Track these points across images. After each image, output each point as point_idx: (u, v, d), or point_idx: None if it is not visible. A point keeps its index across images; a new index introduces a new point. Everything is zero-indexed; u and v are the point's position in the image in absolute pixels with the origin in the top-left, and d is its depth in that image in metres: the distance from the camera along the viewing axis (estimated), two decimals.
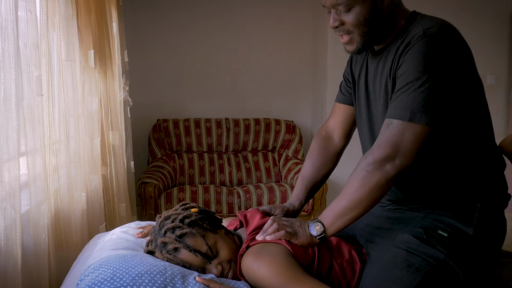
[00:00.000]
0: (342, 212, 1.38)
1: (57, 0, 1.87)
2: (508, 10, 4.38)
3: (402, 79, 1.34)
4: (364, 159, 1.35)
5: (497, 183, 1.49)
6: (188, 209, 1.57)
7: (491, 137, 1.51)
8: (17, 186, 1.46)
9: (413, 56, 1.33)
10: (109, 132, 2.58)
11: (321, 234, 1.42)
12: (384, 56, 1.47)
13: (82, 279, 1.39)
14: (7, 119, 1.38)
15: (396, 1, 1.45)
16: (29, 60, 1.57)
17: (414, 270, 1.33)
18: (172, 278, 1.33)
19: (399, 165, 1.31)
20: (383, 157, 1.31)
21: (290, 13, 4.57)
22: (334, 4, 1.40)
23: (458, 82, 1.32)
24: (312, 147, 1.81)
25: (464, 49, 1.37)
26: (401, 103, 1.32)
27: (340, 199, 1.40)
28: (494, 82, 4.44)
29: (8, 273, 1.42)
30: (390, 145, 1.31)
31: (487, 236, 1.44)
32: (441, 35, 1.33)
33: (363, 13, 1.39)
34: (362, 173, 1.34)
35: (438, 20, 1.40)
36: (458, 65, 1.33)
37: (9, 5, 1.36)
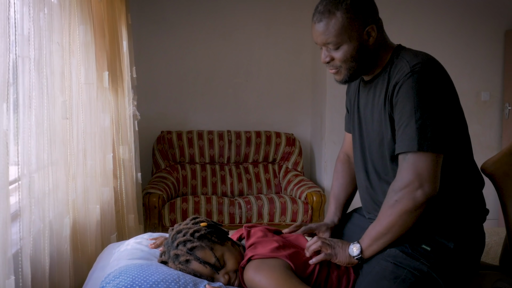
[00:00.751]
0: (377, 236, 1.56)
1: (77, 28, 2.05)
2: (502, 28, 4.56)
3: (402, 115, 1.51)
4: (392, 190, 1.52)
5: (476, 200, 1.67)
6: (198, 223, 1.75)
7: (471, 160, 1.69)
8: (45, 198, 1.64)
9: (406, 93, 1.50)
10: (119, 147, 2.76)
11: (359, 255, 1.59)
12: (373, 86, 1.66)
13: (104, 286, 1.57)
14: (38, 141, 1.56)
15: (381, 38, 1.64)
16: (56, 87, 1.75)
17: (401, 281, 1.50)
18: (185, 286, 1.51)
19: (428, 191, 1.47)
20: (408, 184, 1.47)
21: (291, 30, 4.76)
22: (325, 42, 1.60)
23: (447, 111, 1.51)
24: (337, 170, 2.02)
25: (448, 80, 1.56)
26: (407, 135, 1.49)
27: (375, 225, 1.58)
28: (488, 99, 4.63)
29: (38, 279, 1.59)
30: (413, 173, 1.47)
31: (467, 249, 1.61)
32: (427, 71, 1.51)
33: (350, 51, 1.59)
34: (392, 201, 1.51)
35: (422, 55, 1.58)
36: (445, 94, 1.52)
37: (44, 40, 1.54)
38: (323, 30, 1.58)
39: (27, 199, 1.51)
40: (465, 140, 1.67)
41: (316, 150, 4.80)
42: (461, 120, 1.64)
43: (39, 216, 1.61)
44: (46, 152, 1.60)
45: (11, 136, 1.35)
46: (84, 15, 2.09)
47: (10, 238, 1.34)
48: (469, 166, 1.67)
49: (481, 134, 4.60)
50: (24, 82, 1.47)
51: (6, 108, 1.25)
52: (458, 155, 1.62)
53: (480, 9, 4.52)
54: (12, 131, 1.36)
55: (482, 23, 4.54)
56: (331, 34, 1.57)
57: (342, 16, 1.55)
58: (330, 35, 1.57)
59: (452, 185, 1.61)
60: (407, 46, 1.71)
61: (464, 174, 1.65)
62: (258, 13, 4.71)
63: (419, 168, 1.47)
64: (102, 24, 2.45)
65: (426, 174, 1.47)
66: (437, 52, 4.39)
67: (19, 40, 1.40)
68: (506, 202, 1.80)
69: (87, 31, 2.13)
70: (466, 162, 1.66)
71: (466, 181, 1.65)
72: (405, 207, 1.49)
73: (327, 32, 1.57)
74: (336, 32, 1.56)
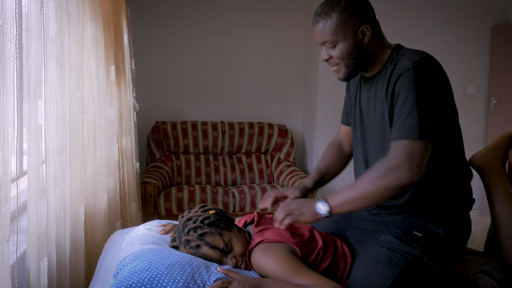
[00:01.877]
0: (350, 200, 1.63)
1: (89, 25, 2.17)
2: (489, 24, 4.75)
3: (401, 106, 1.64)
4: (381, 165, 1.59)
5: (464, 191, 1.83)
6: (207, 211, 1.89)
7: (461, 153, 1.84)
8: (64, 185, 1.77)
9: (406, 85, 1.63)
10: (122, 138, 2.88)
11: (327, 213, 1.68)
12: (375, 82, 1.80)
13: (122, 269, 1.70)
14: (61, 135, 1.69)
15: (379, 38, 1.79)
16: (73, 82, 1.88)
17: (394, 264, 1.66)
18: (198, 268, 1.65)
19: (414, 177, 1.57)
20: (400, 164, 1.55)
21: (284, 24, 4.89)
22: (322, 41, 1.75)
23: (443, 105, 1.66)
24: (327, 149, 2.17)
25: (445, 76, 1.71)
26: (406, 124, 1.61)
27: (352, 188, 1.64)
28: (475, 92, 4.82)
29: (60, 263, 1.73)
30: (405, 154, 1.57)
31: (454, 236, 1.78)
32: (427, 67, 1.65)
33: (346, 48, 1.73)
34: (378, 174, 1.58)
35: (421, 53, 1.73)
36: (443, 90, 1.67)
37: (66, 39, 1.67)
38: (320, 30, 1.74)
39: (52, 183, 1.64)
40: (457, 133, 1.82)
41: (307, 141, 4.96)
42: (454, 114, 1.79)
43: (60, 202, 1.74)
44: (67, 144, 1.72)
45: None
46: (95, 11, 2.21)
47: (39, 220, 1.47)
48: (459, 159, 1.83)
49: (467, 127, 4.79)
50: (50, 79, 1.59)
51: (41, 104, 1.37)
52: (450, 148, 1.78)
53: (468, 6, 4.69)
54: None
55: (470, 20, 4.72)
56: (327, 33, 1.72)
57: (336, 16, 1.70)
58: (326, 34, 1.72)
59: (443, 176, 1.77)
60: (397, 41, 1.87)
61: (455, 166, 1.80)
62: (253, 8, 4.84)
63: (412, 153, 1.58)
64: (108, 19, 2.56)
65: (417, 159, 1.58)
66: (426, 47, 4.57)
67: (47, 40, 1.52)
68: (491, 192, 1.96)
69: (97, 27, 2.25)
70: (457, 154, 1.82)
71: (457, 172, 1.81)
72: (389, 183, 1.57)
73: (323, 31, 1.73)
74: (331, 32, 1.71)
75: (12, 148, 1.23)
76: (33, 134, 1.37)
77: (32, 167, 1.41)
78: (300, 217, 1.72)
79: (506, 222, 1.89)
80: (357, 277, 1.69)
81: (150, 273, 1.59)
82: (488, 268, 1.78)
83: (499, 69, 4.69)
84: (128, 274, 1.61)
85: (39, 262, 1.41)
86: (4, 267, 1.16)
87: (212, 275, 1.63)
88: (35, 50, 1.39)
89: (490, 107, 4.77)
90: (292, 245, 1.73)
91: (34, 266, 1.42)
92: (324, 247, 1.79)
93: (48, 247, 1.57)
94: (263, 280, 1.61)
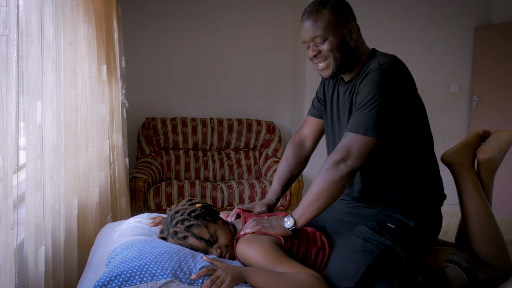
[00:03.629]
0: (308, 204, 1.80)
1: (82, 26, 2.29)
2: (471, 24, 4.91)
3: (359, 101, 1.80)
4: (325, 161, 1.79)
5: (435, 186, 1.97)
6: (194, 204, 2.02)
7: (431, 148, 1.99)
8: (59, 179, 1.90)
9: (368, 84, 1.79)
10: (113, 134, 3.00)
11: (293, 226, 1.85)
12: (350, 86, 1.94)
13: (113, 258, 1.82)
14: (57, 132, 1.82)
15: (360, 39, 1.93)
16: (67, 82, 2.00)
17: (368, 253, 1.79)
18: (185, 257, 1.77)
19: (351, 165, 1.73)
20: (339, 159, 1.75)
21: (272, 22, 5.01)
22: (313, 37, 1.86)
23: (403, 105, 1.80)
24: (287, 151, 2.28)
25: (409, 79, 1.85)
26: (357, 120, 1.77)
27: (307, 194, 1.81)
28: (458, 91, 4.98)
29: (55, 252, 1.85)
30: (344, 150, 1.75)
31: (425, 228, 1.92)
32: (391, 69, 1.80)
33: (336, 42, 1.86)
34: (323, 171, 1.78)
35: (391, 57, 1.87)
36: (403, 91, 1.80)
37: (61, 42, 1.79)
38: (311, 26, 1.85)
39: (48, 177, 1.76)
40: (426, 134, 1.96)
41: None
42: (422, 114, 1.93)
43: (55, 195, 1.87)
44: (62, 140, 1.85)
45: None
46: (88, 13, 2.32)
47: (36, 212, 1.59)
48: (428, 155, 1.97)
49: (450, 125, 4.95)
50: (46, 80, 1.71)
51: (40, 104, 1.50)
52: (418, 146, 1.92)
53: (451, 6, 4.85)
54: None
55: (453, 20, 4.89)
56: (319, 28, 1.83)
57: (328, 13, 1.83)
58: (318, 29, 1.84)
59: (413, 173, 1.91)
60: (383, 41, 2.01)
61: (423, 162, 1.94)
62: (241, 6, 4.95)
63: (352, 147, 1.75)
64: (100, 19, 2.67)
65: (355, 152, 1.74)
66: (411, 46, 4.78)
67: (44, 44, 1.64)
68: (461, 188, 2.10)
69: (90, 28, 2.37)
70: (425, 151, 1.96)
71: (425, 168, 1.95)
72: (333, 177, 1.74)
73: (315, 27, 1.84)
74: (323, 26, 1.83)
75: (14, 143, 1.35)
76: (31, 131, 1.50)
77: (31, 161, 1.53)
78: (269, 229, 1.86)
79: (474, 215, 2.03)
80: (333, 265, 1.82)
81: (140, 261, 1.71)
82: (456, 257, 1.92)
83: (481, 68, 4.85)
84: (119, 263, 1.73)
85: (37, 250, 1.53)
86: (8, 253, 1.29)
87: (198, 263, 1.75)
88: (34, 54, 1.51)
89: (472, 105, 4.93)
90: (275, 236, 1.86)
91: (32, 254, 1.55)
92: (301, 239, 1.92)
93: (44, 237, 1.70)
94: (245, 268, 1.74)
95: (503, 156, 2.11)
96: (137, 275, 1.64)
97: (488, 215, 2.03)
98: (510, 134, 2.12)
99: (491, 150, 2.09)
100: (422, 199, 1.92)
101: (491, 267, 1.94)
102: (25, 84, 1.47)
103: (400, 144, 1.88)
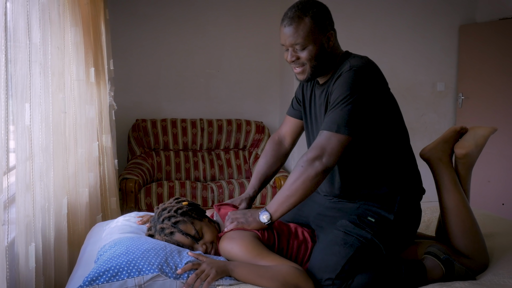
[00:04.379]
0: (283, 199, 1.86)
1: (69, 30, 2.35)
2: (456, 24, 5.00)
3: (332, 101, 1.87)
4: (301, 158, 1.83)
5: (413, 180, 2.05)
6: (180, 202, 2.09)
7: (407, 143, 2.06)
8: (49, 179, 1.96)
9: (341, 84, 1.86)
10: (102, 136, 3.06)
11: (268, 220, 1.92)
12: (325, 88, 2.01)
13: (102, 255, 1.89)
14: (45, 133, 1.88)
15: (336, 44, 2.00)
16: (55, 85, 2.06)
17: (349, 245, 1.86)
18: (171, 252, 1.84)
19: (325, 163, 1.80)
20: (314, 156, 1.81)
21: (260, 23, 5.08)
22: (293, 44, 1.91)
23: (374, 102, 1.87)
24: (267, 149, 2.34)
25: (380, 78, 1.92)
26: (330, 118, 1.84)
27: (282, 189, 1.87)
28: (444, 89, 5.08)
29: (46, 250, 1.91)
30: (319, 148, 1.82)
31: (404, 221, 1.99)
32: (362, 69, 1.87)
33: (314, 51, 1.92)
34: (299, 168, 1.83)
35: (363, 58, 1.94)
36: (374, 89, 1.87)
37: (48, 46, 1.85)
38: (292, 33, 1.89)
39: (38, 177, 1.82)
40: (401, 131, 2.03)
41: None
42: (395, 111, 2.00)
43: (44, 195, 1.93)
44: (51, 141, 1.91)
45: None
46: (75, 17, 2.39)
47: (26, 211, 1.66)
48: (405, 151, 2.04)
49: (436, 122, 5.04)
50: (34, 83, 1.77)
51: (28, 107, 1.56)
52: (394, 142, 1.99)
53: (436, 5, 4.95)
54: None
55: (438, 19, 4.98)
56: (300, 36, 1.88)
57: (310, 21, 1.88)
58: (298, 37, 1.89)
59: (391, 168, 1.98)
60: (368, 41, 2.08)
61: (401, 158, 2.02)
62: (229, 8, 5.03)
63: (326, 145, 1.81)
64: (88, 23, 2.74)
65: (330, 150, 1.81)
66: (397, 46, 4.87)
67: (32, 48, 1.71)
68: (439, 182, 2.18)
69: (77, 32, 2.43)
70: (402, 147, 2.03)
71: (403, 163, 2.02)
72: (309, 174, 1.80)
73: (296, 34, 1.89)
74: (304, 35, 1.88)
75: (3, 145, 1.41)
76: (20, 133, 1.56)
77: (20, 163, 1.59)
78: (245, 225, 1.93)
79: (452, 209, 2.10)
80: (316, 257, 1.90)
81: (127, 257, 1.77)
82: (434, 249, 1.99)
83: (466, 66, 4.95)
84: (108, 259, 1.79)
85: (27, 247, 1.60)
86: (0, 250, 1.35)
87: (183, 258, 1.82)
88: (21, 58, 1.58)
89: (458, 103, 5.02)
90: (256, 232, 1.94)
91: (22, 251, 1.61)
92: (282, 234, 2.00)
93: (35, 235, 1.76)
94: (229, 262, 1.82)
95: (479, 152, 2.19)
96: (124, 271, 1.70)
97: (466, 208, 2.10)
98: (486, 130, 2.20)
99: (468, 145, 2.16)
100: (401, 194, 1.99)
101: (469, 258, 2.01)
102: (13, 88, 1.53)
103: (375, 141, 1.95)
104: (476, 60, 4.85)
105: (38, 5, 1.81)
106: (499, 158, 4.65)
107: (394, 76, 4.69)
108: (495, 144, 4.63)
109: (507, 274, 1.92)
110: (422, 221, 2.59)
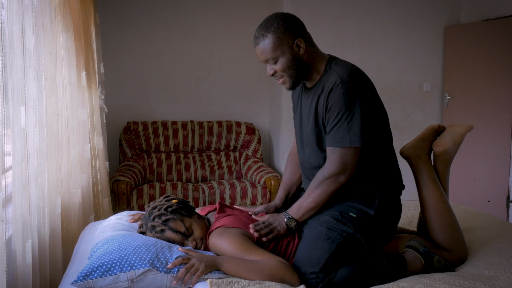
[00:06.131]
0: (308, 209, 2.04)
1: (61, 35, 2.44)
2: (441, 25, 5.12)
3: (333, 118, 1.97)
4: (322, 175, 1.99)
5: (393, 178, 2.15)
6: (170, 200, 2.18)
7: (390, 144, 2.16)
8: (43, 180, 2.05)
9: (336, 100, 1.96)
10: (94, 138, 3.15)
11: (295, 226, 2.06)
12: (313, 92, 2.11)
13: (95, 251, 1.98)
14: (39, 135, 1.97)
15: (313, 49, 2.09)
16: (48, 89, 2.15)
17: (332, 241, 1.96)
18: (162, 248, 1.93)
19: (348, 176, 1.97)
20: (337, 172, 1.96)
21: (249, 25, 5.09)
22: (265, 60, 2.05)
23: (370, 110, 1.97)
24: (288, 161, 2.47)
25: (369, 85, 2.02)
26: (339, 134, 1.96)
27: (307, 200, 2.03)
28: (430, 89, 5.19)
29: (41, 247, 2.00)
30: (339, 163, 1.96)
31: (385, 216, 2.08)
32: (352, 81, 1.97)
33: (286, 61, 2.03)
34: (323, 184, 1.99)
35: (347, 65, 2.04)
36: (367, 98, 1.98)
37: (42, 52, 1.94)
38: (261, 51, 2.04)
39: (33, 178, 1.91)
40: (386, 132, 2.14)
41: (274, 138, 5.26)
42: (383, 116, 2.10)
43: (39, 195, 2.02)
44: (44, 144, 2.00)
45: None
46: (67, 23, 2.47)
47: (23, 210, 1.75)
48: (385, 151, 2.14)
49: (423, 122, 5.15)
50: (29, 87, 1.86)
51: (23, 110, 1.65)
52: (380, 146, 2.09)
53: (421, 7, 5.06)
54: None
55: (423, 20, 5.10)
56: (268, 52, 2.02)
57: (272, 36, 2.00)
58: (267, 53, 2.02)
59: (373, 167, 2.08)
60: (355, 43, 2.17)
61: (382, 157, 2.12)
62: (218, 10, 5.12)
63: (345, 159, 1.96)
64: (79, 28, 2.82)
65: (349, 164, 1.97)
66: (383, 47, 4.99)
67: (26, 54, 1.80)
68: (418, 179, 2.27)
69: (69, 37, 2.52)
70: (386, 150, 2.13)
71: (384, 162, 2.12)
72: (333, 188, 1.99)
73: (264, 51, 2.03)
74: (270, 50, 2.01)
75: (1, 147, 1.50)
76: (16, 135, 1.65)
77: (17, 163, 1.68)
78: (279, 233, 2.06)
79: (431, 204, 2.20)
80: (300, 253, 2.00)
81: (119, 253, 1.86)
82: (414, 243, 2.08)
83: (451, 66, 5.07)
84: (101, 255, 1.88)
85: (24, 243, 1.69)
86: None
87: (174, 254, 1.91)
88: (17, 64, 1.67)
89: (444, 102, 5.14)
90: (245, 229, 2.03)
91: (20, 247, 1.70)
92: None
93: (31, 233, 1.85)
94: (218, 257, 1.91)
95: (457, 149, 2.29)
96: (117, 266, 1.79)
97: (444, 203, 2.19)
98: (463, 128, 2.30)
99: (446, 143, 2.26)
100: (382, 190, 2.09)
101: (448, 251, 2.10)
102: (9, 92, 1.62)
103: (364, 144, 2.05)
104: (461, 61, 4.97)
105: (31, 12, 1.91)
106: (484, 156, 4.78)
107: (381, 77, 4.81)
108: (481, 143, 4.77)
109: (484, 265, 2.00)
110: (405, 217, 2.70)
